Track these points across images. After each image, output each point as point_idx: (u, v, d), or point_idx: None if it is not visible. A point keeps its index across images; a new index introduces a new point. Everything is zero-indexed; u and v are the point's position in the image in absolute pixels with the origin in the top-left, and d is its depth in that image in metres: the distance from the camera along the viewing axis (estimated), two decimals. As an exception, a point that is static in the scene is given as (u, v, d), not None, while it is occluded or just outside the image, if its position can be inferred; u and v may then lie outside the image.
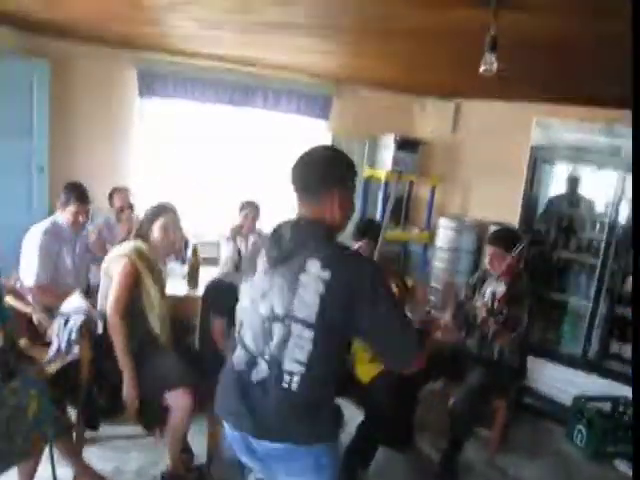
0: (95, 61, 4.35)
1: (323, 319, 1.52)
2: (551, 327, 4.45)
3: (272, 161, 5.09)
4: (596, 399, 3.78)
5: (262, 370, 1.63)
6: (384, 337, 1.60)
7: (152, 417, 2.68)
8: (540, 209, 4.63)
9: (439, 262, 4.90)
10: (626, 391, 3.60)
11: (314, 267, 1.53)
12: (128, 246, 2.71)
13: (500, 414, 3.45)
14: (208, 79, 4.64)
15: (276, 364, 1.60)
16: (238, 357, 1.72)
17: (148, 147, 4.70)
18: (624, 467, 3.49)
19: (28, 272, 3.20)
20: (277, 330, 1.59)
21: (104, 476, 2.74)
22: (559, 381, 4.07)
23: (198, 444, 3.07)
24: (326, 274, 1.52)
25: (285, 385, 1.59)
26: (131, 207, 4.03)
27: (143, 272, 2.63)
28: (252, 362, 1.66)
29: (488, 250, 3.29)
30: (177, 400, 2.55)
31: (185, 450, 3.02)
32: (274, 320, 1.59)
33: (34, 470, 2.45)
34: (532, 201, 4.52)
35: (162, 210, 2.78)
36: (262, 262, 1.68)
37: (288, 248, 1.61)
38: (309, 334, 1.54)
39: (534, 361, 3.81)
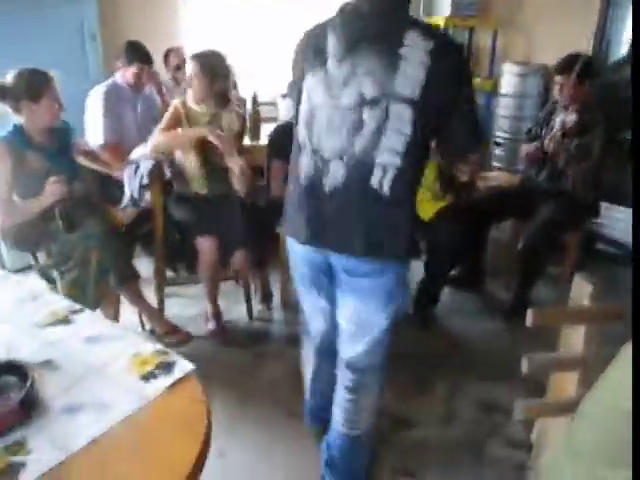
0: None
1: (426, 93, 1.44)
2: (623, 169, 4.24)
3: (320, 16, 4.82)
4: (672, 239, 3.64)
5: (340, 174, 1.53)
6: (463, 116, 1.55)
7: (189, 260, 2.87)
8: (614, 51, 4.28)
9: (504, 110, 4.67)
10: None
11: (415, 39, 1.44)
12: (180, 98, 2.77)
13: (572, 250, 3.41)
14: None
15: (364, 160, 1.49)
16: (307, 167, 1.60)
17: (198, 8, 4.53)
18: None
19: (95, 132, 3.26)
20: (369, 117, 1.47)
21: (174, 323, 2.84)
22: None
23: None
24: (430, 44, 1.43)
25: (374, 185, 1.50)
26: (187, 67, 3.97)
27: (184, 121, 2.68)
28: (326, 168, 1.55)
29: (557, 79, 3.06)
30: (202, 245, 2.67)
31: (266, 295, 3.19)
32: (366, 105, 1.47)
33: (115, 311, 2.64)
34: (605, 41, 4.17)
35: (195, 55, 2.70)
36: (334, 48, 1.52)
37: (373, 24, 1.48)
38: (409, 114, 1.45)
39: (606, 206, 3.67)
